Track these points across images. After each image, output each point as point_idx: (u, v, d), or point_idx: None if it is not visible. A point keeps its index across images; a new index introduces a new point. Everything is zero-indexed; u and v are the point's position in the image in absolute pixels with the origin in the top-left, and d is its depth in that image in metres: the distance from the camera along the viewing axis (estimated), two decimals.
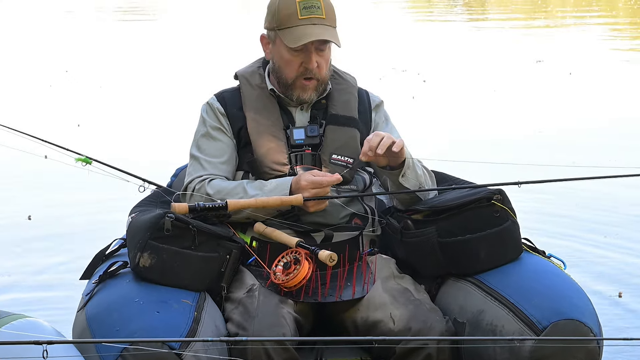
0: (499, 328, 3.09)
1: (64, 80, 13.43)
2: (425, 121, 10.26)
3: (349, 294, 3.28)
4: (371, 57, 15.03)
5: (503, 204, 3.30)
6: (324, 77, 3.54)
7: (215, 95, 3.66)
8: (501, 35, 19.09)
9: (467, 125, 9.99)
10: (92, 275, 3.42)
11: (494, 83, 12.77)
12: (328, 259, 3.18)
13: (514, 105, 11.14)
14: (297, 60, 3.49)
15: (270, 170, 3.48)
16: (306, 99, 3.54)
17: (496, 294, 3.17)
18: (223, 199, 3.37)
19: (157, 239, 3.14)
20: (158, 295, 3.07)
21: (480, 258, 3.28)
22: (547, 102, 11.33)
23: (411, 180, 3.42)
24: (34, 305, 4.95)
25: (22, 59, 15.81)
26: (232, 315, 3.18)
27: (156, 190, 3.78)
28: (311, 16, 3.45)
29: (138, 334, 2.86)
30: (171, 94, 11.92)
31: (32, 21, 22.47)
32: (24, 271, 5.64)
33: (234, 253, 3.26)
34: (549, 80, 12.93)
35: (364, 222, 3.51)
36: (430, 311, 3.23)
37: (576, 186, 5.75)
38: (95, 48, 17.36)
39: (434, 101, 11.64)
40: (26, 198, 7.31)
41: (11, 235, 6.34)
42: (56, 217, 6.76)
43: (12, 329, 2.81)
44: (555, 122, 10.07)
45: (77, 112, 10.99)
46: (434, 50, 16.29)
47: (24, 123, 9.60)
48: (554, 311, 3.04)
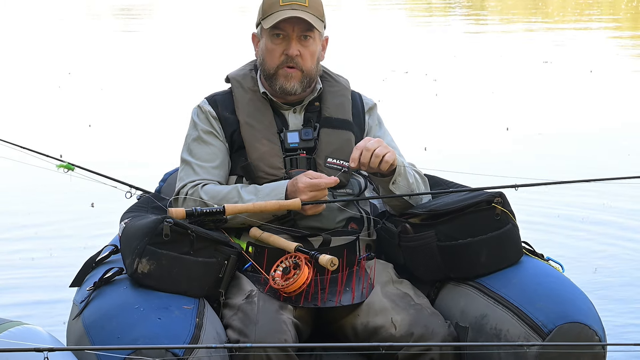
0: (504, 332, 3.06)
1: (68, 82, 13.23)
2: (449, 117, 10.35)
3: (348, 299, 3.23)
4: (368, 60, 14.85)
5: (503, 207, 3.27)
6: (309, 69, 3.49)
7: (206, 99, 3.59)
8: (502, 37, 19.05)
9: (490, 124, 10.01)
10: (82, 282, 3.34)
11: (501, 83, 12.73)
12: (329, 264, 3.13)
13: (528, 106, 11.09)
14: (278, 48, 3.46)
15: (265, 174, 3.42)
16: (289, 88, 3.47)
17: (499, 298, 3.14)
18: (218, 204, 3.31)
19: (156, 245, 3.08)
20: (158, 301, 3.00)
21: (481, 262, 3.25)
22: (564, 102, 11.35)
23: (402, 188, 3.38)
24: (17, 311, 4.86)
25: (22, 63, 15.48)
26: (231, 321, 3.11)
27: (146, 196, 3.70)
28: (293, 2, 3.44)
29: (141, 341, 2.79)
30: (161, 97, 11.74)
31: (25, 25, 22.08)
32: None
33: (232, 258, 3.20)
34: (564, 80, 12.91)
35: (360, 226, 3.46)
36: (431, 316, 3.19)
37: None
38: (93, 50, 17.08)
39: (455, 98, 11.64)
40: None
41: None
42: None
43: (10, 336, 2.73)
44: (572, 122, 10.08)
45: (79, 114, 10.86)
46: (431, 52, 16.14)
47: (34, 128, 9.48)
48: (558, 314, 3.02)
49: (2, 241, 6.26)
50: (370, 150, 3.27)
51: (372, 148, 3.27)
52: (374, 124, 3.63)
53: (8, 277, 5.54)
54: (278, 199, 3.31)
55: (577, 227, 6.38)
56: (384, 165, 3.28)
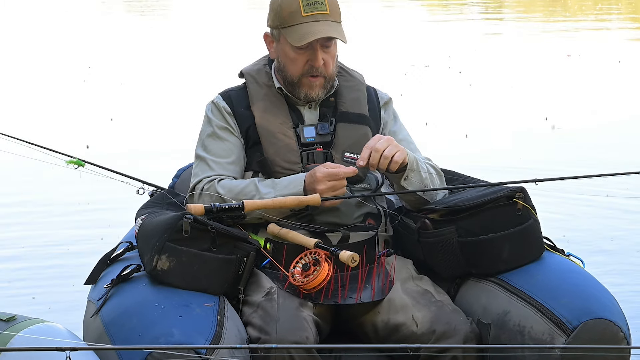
0: (527, 329, 3.03)
1: (90, 76, 13.11)
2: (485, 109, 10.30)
3: (368, 296, 3.19)
4: (384, 55, 14.59)
5: (525, 202, 3.23)
6: (331, 74, 3.46)
7: (220, 94, 3.55)
8: (521, 32, 18.91)
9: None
10: (97, 279, 3.29)
11: (528, 76, 12.59)
12: (350, 260, 3.08)
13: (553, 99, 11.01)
14: (302, 58, 3.41)
15: (282, 169, 3.38)
16: (314, 96, 3.45)
17: (522, 294, 3.10)
18: (235, 199, 3.27)
19: (175, 241, 3.03)
20: (179, 299, 2.95)
21: (502, 257, 3.20)
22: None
23: (415, 183, 3.35)
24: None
25: (41, 57, 15.34)
26: (251, 319, 3.07)
27: (160, 192, 3.65)
28: (315, 12, 3.37)
29: (162, 339, 2.75)
30: (175, 93, 11.62)
31: (37, 20, 21.88)
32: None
33: (251, 255, 3.15)
34: (592, 72, 12.80)
35: (378, 222, 3.42)
36: (453, 312, 3.15)
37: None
38: (109, 44, 16.90)
39: (490, 88, 11.61)
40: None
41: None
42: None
43: (31, 333, 2.70)
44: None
45: (102, 108, 10.79)
46: (450, 46, 15.85)
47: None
48: (583, 310, 2.98)
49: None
50: (379, 151, 3.23)
51: (382, 148, 3.23)
52: (390, 119, 3.59)
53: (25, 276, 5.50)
54: (296, 191, 3.27)
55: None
56: (393, 165, 3.25)
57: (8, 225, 6.51)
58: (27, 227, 6.45)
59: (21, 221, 6.59)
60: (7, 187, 7.47)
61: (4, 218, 6.65)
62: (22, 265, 5.70)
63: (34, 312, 3.04)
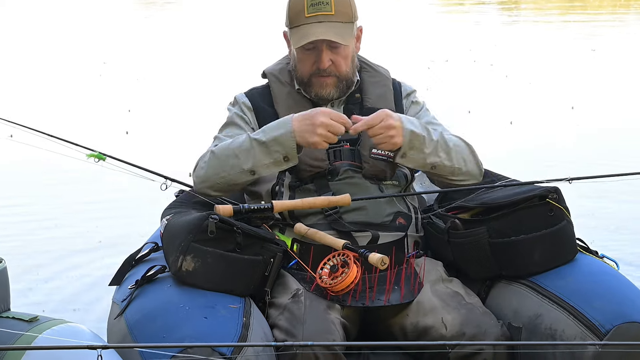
0: (559, 332, 2.96)
1: (106, 71, 13.08)
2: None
3: (397, 298, 3.13)
4: (402, 50, 14.40)
5: (558, 203, 3.16)
6: (344, 74, 3.41)
7: (244, 93, 3.57)
8: (540, 27, 18.80)
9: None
10: (122, 281, 3.25)
11: (550, 70, 12.54)
12: (379, 263, 3.02)
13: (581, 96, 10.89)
14: (309, 59, 3.40)
15: (309, 167, 3.34)
16: (325, 95, 3.42)
17: (554, 297, 3.03)
18: (229, 151, 3.28)
19: (201, 242, 2.98)
20: (204, 300, 2.90)
21: (534, 259, 3.14)
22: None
23: (418, 160, 3.30)
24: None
25: (56, 53, 15.35)
26: (277, 321, 3.01)
27: (186, 192, 3.60)
28: (318, 13, 3.34)
29: (187, 341, 2.70)
30: (197, 94, 11.47)
31: (49, 15, 21.96)
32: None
33: (277, 256, 3.10)
34: (618, 68, 12.69)
35: (408, 221, 3.36)
36: (483, 315, 3.09)
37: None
38: (123, 39, 16.90)
39: (526, 78, 11.58)
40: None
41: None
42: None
43: (55, 334, 2.66)
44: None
45: (119, 101, 10.76)
46: (469, 41, 15.70)
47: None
48: (616, 314, 2.91)
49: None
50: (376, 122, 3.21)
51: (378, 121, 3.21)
52: (409, 105, 3.57)
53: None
54: (285, 130, 3.22)
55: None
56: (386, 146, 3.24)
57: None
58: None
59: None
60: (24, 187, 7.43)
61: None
62: (47, 268, 5.65)
63: (56, 313, 3.01)
